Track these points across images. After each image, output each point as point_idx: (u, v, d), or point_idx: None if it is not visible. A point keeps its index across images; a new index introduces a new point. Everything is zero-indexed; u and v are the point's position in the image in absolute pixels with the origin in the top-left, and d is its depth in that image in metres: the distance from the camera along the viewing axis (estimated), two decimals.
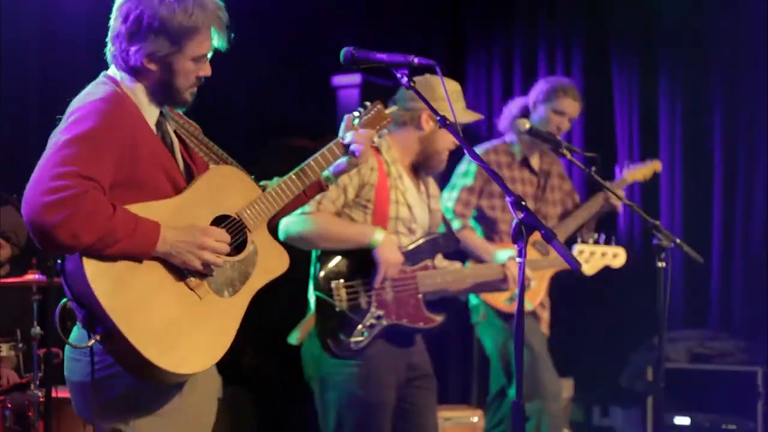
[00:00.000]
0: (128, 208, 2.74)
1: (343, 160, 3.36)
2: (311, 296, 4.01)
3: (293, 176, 3.21)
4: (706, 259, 6.62)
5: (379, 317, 3.97)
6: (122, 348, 2.69)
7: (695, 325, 6.61)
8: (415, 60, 3.04)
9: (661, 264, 3.99)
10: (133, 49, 2.89)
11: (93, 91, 2.89)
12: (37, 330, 4.42)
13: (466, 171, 5.25)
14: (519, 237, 2.74)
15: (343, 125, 3.42)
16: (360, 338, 3.94)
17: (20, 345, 4.57)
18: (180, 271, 2.81)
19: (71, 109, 2.83)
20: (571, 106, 5.26)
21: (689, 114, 6.79)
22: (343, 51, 3.09)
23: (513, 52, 7.32)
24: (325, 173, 3.34)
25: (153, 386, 2.82)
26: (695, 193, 6.77)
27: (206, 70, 2.98)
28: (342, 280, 3.96)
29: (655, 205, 6.77)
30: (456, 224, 5.10)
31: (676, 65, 6.83)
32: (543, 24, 7.25)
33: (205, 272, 2.84)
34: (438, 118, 2.99)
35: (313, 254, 4.06)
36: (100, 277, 2.67)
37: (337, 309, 3.93)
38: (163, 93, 2.95)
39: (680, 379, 6.17)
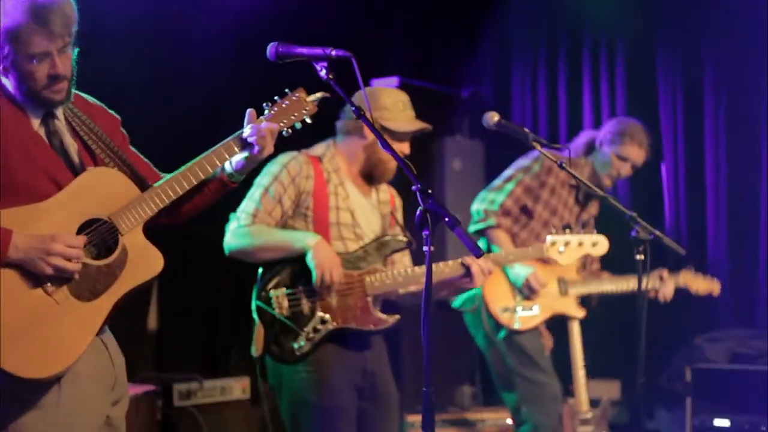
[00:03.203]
0: None
1: (243, 156, 3.21)
2: (253, 306, 4.04)
3: (179, 176, 3.10)
4: (756, 257, 6.47)
5: (324, 322, 3.97)
6: None
7: (744, 325, 6.40)
8: (333, 52, 3.08)
9: (639, 257, 3.87)
10: None
11: None
12: None
13: (530, 167, 5.13)
14: (424, 224, 2.77)
15: (246, 118, 3.23)
16: (303, 343, 3.96)
17: None
18: (38, 278, 2.81)
19: None
20: (635, 153, 5.18)
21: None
22: (269, 47, 3.15)
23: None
24: (229, 170, 3.22)
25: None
26: (742, 183, 6.63)
27: (55, 68, 2.86)
28: (283, 289, 3.99)
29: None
30: (492, 221, 5.01)
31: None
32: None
33: (60, 277, 2.83)
34: (353, 108, 3.02)
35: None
36: None
37: (277, 316, 3.96)
38: (25, 96, 2.91)
39: (720, 380, 6.01)
